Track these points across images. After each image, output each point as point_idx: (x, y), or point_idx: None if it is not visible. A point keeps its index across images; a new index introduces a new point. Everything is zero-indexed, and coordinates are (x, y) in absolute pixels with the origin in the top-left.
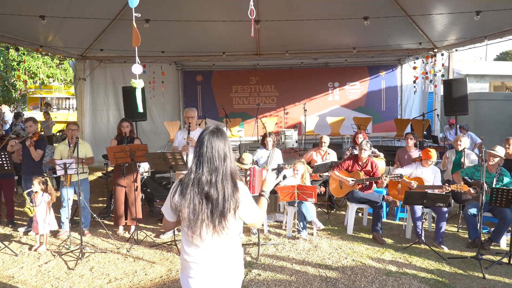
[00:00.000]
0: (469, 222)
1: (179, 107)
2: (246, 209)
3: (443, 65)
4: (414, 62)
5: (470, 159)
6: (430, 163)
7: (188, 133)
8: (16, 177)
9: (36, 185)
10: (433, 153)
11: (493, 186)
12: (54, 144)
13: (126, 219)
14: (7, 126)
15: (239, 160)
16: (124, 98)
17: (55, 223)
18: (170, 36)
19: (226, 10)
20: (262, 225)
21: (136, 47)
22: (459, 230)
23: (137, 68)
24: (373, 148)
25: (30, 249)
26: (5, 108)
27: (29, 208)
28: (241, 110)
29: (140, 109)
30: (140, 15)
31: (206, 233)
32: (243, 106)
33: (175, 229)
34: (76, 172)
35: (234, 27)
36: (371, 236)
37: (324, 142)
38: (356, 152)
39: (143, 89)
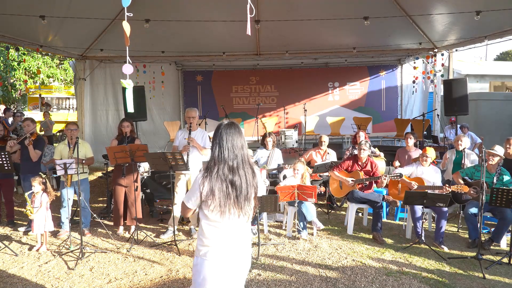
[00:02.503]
0: (469, 222)
1: (179, 107)
2: (260, 191)
3: (443, 65)
4: (414, 62)
5: (470, 159)
6: (427, 160)
7: (189, 133)
8: (16, 177)
9: (37, 186)
10: (431, 150)
11: (493, 186)
12: (54, 144)
13: (126, 219)
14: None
15: None
16: (123, 98)
17: (52, 224)
18: (170, 36)
19: (226, 10)
20: (262, 225)
21: (127, 47)
22: (459, 230)
23: (127, 68)
24: (372, 148)
25: (30, 249)
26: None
27: (29, 210)
28: (241, 110)
29: (131, 109)
30: (132, 15)
31: (232, 215)
32: (243, 106)
33: (175, 229)
34: (76, 172)
35: (234, 27)
36: (371, 236)
37: (324, 142)
38: (356, 152)
39: (143, 89)
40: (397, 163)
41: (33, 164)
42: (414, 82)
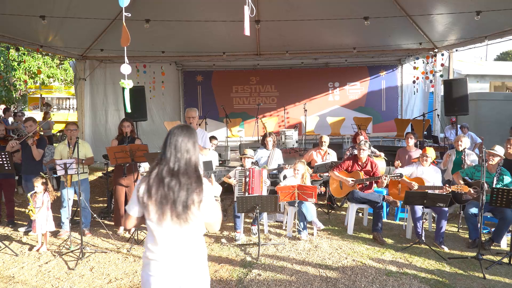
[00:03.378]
0: (469, 222)
1: (179, 107)
2: (206, 205)
3: (442, 65)
4: (414, 62)
5: (470, 159)
6: (427, 161)
7: None
8: (16, 177)
9: (40, 186)
10: (431, 150)
11: (494, 186)
12: (54, 144)
13: None
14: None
15: (242, 153)
16: (123, 98)
17: (53, 224)
18: (170, 36)
19: (226, 10)
20: (263, 225)
21: (125, 47)
22: (460, 230)
23: (126, 68)
24: (372, 148)
25: (30, 249)
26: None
27: (31, 210)
28: (241, 110)
29: (128, 109)
30: (130, 15)
31: (171, 222)
32: (243, 106)
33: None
34: (76, 172)
35: (234, 27)
36: (371, 236)
37: (324, 142)
38: (356, 152)
39: (143, 89)
40: (397, 163)
41: (35, 164)
42: (414, 82)
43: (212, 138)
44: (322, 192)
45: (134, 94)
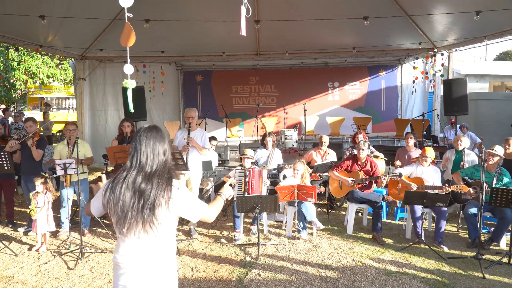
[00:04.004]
0: (469, 222)
1: (179, 107)
2: (183, 205)
3: (442, 65)
4: (414, 62)
5: (470, 159)
6: (427, 161)
7: (189, 133)
8: (16, 177)
9: (40, 186)
10: (430, 150)
11: (493, 186)
12: (53, 144)
13: None
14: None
15: (242, 153)
16: (124, 98)
17: (53, 224)
18: (170, 36)
19: (226, 10)
20: (262, 225)
21: (128, 48)
22: (459, 230)
23: (128, 68)
24: (372, 148)
25: (30, 249)
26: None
27: (32, 210)
28: (241, 110)
29: (131, 109)
30: (132, 15)
31: (136, 230)
32: (243, 106)
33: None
34: (76, 172)
35: (234, 27)
36: (371, 236)
37: (324, 142)
38: (355, 152)
39: (142, 89)
40: (398, 163)
41: (35, 164)
42: (414, 82)
43: (212, 138)
44: (322, 192)
45: (133, 94)
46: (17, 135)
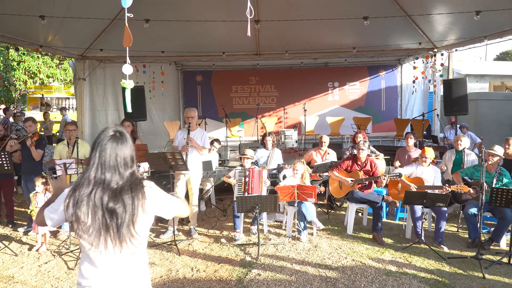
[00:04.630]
0: (469, 222)
1: (179, 107)
2: (158, 203)
3: (442, 65)
4: (414, 62)
5: (470, 159)
6: (426, 161)
7: (188, 133)
8: (16, 177)
9: (41, 186)
10: (429, 151)
11: (493, 186)
12: (53, 144)
13: None
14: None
15: (242, 153)
16: (123, 98)
17: None
18: (170, 36)
19: (226, 10)
20: (262, 225)
21: (128, 48)
22: (459, 230)
23: (127, 68)
24: (372, 148)
25: (30, 249)
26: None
27: (33, 210)
28: (241, 110)
29: (129, 109)
30: (132, 15)
31: (112, 250)
32: (243, 106)
33: (175, 229)
34: (76, 172)
35: (234, 27)
36: (371, 236)
37: (324, 142)
38: (355, 152)
39: (142, 89)
40: (397, 163)
41: (35, 164)
42: (414, 82)
43: (215, 141)
44: (322, 192)
45: (133, 94)
46: (15, 135)
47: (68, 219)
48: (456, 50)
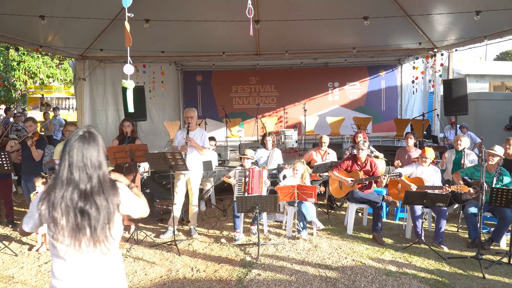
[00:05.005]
0: (469, 222)
1: (179, 107)
2: (129, 204)
3: (442, 65)
4: (414, 62)
5: (470, 159)
6: (426, 161)
7: (187, 133)
8: (16, 177)
9: (41, 186)
10: (429, 151)
11: (493, 186)
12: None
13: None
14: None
15: (242, 153)
16: (124, 98)
17: None
18: (170, 36)
19: (226, 10)
20: (262, 225)
21: (128, 48)
22: (459, 230)
23: (128, 68)
24: (371, 148)
25: (30, 249)
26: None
27: None
28: (241, 110)
29: (131, 109)
30: (133, 15)
31: (86, 250)
32: (243, 106)
33: (175, 229)
34: None
35: (234, 27)
36: (371, 236)
37: (324, 142)
38: (355, 152)
39: (142, 89)
40: (398, 162)
41: (35, 164)
42: (413, 82)
43: (211, 139)
44: (322, 192)
45: (133, 94)
46: (16, 135)
47: (45, 222)
48: (456, 50)
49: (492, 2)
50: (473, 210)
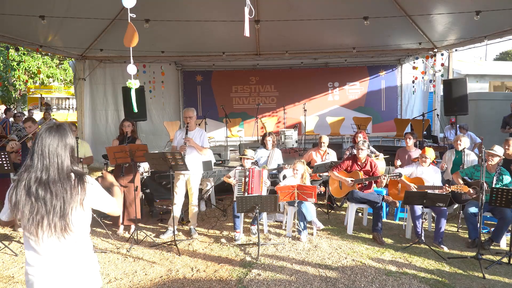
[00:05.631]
0: (469, 222)
1: (179, 107)
2: (96, 199)
3: (442, 65)
4: (414, 62)
5: (470, 159)
6: (426, 162)
7: (186, 133)
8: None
9: None
10: (430, 151)
11: (493, 186)
12: None
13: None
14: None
15: (242, 153)
16: (124, 98)
17: None
18: (170, 36)
19: (226, 10)
20: (262, 225)
21: (131, 48)
22: (459, 230)
23: (131, 69)
24: (371, 148)
25: None
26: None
27: None
28: (241, 110)
29: (135, 109)
30: (135, 16)
31: (45, 236)
32: (243, 106)
33: (175, 229)
34: None
35: (234, 27)
36: (371, 236)
37: (323, 143)
38: (355, 151)
39: (142, 89)
40: (398, 162)
41: None
42: (413, 82)
43: None
44: (322, 192)
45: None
46: (16, 136)
47: (11, 210)
48: (456, 50)
49: (492, 2)
50: (473, 210)
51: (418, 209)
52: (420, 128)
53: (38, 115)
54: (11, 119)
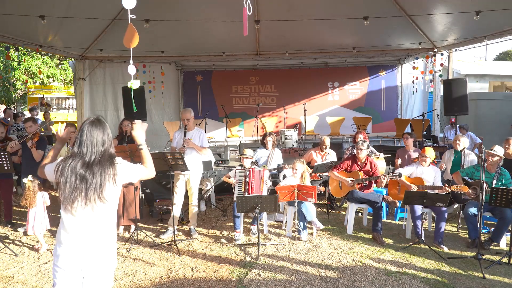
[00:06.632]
0: (469, 222)
1: (179, 107)
2: (129, 173)
3: (442, 65)
4: (414, 62)
5: (469, 159)
6: (426, 161)
7: (185, 134)
8: (15, 177)
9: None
10: (430, 150)
11: (493, 186)
12: (53, 144)
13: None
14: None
15: (241, 153)
16: (124, 98)
17: (48, 223)
18: (170, 36)
19: (226, 10)
20: (262, 225)
21: (131, 48)
22: (459, 230)
23: (132, 69)
24: (371, 148)
25: (30, 249)
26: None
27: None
28: (241, 110)
29: (135, 108)
30: (135, 17)
31: (82, 205)
32: (243, 106)
33: (175, 229)
34: None
35: (234, 27)
36: (371, 236)
37: (326, 145)
38: (355, 151)
39: (142, 89)
40: (399, 161)
41: (35, 165)
42: (413, 82)
43: None
44: (322, 192)
45: (134, 94)
46: (16, 136)
47: (54, 180)
48: (456, 50)
49: (492, 2)
50: (473, 210)
51: (418, 209)
52: (420, 128)
53: (38, 115)
54: (9, 119)
